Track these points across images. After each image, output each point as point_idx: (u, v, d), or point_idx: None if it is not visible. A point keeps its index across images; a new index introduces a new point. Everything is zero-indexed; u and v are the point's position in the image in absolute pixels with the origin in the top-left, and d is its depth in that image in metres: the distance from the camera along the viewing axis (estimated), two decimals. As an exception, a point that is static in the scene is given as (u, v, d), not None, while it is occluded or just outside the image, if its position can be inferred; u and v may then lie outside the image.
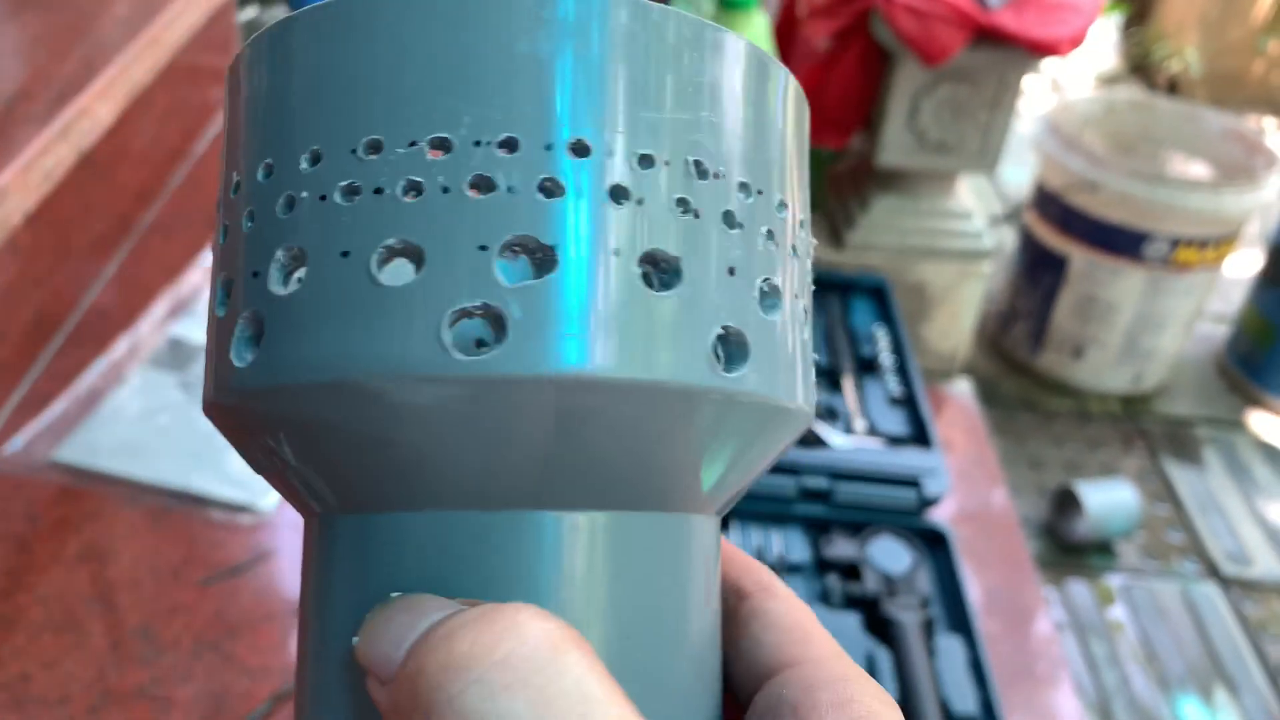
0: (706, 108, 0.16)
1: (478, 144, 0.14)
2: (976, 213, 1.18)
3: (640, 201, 0.15)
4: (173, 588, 0.54)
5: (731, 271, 0.16)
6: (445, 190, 0.14)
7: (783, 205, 0.17)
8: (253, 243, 0.16)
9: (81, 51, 0.71)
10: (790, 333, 0.17)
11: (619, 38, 0.15)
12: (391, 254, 0.15)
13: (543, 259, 0.14)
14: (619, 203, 0.15)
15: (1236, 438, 1.59)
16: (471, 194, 0.14)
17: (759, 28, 0.95)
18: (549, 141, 0.14)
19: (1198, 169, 1.58)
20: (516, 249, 0.14)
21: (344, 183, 0.15)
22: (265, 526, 0.58)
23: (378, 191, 0.14)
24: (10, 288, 0.63)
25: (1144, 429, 1.58)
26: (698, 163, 0.15)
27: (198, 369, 0.66)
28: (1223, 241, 1.46)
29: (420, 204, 0.14)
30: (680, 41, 0.16)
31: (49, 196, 0.62)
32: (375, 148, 0.15)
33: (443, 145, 0.14)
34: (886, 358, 0.79)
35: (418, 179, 0.14)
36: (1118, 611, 1.27)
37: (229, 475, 0.59)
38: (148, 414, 0.62)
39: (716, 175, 0.16)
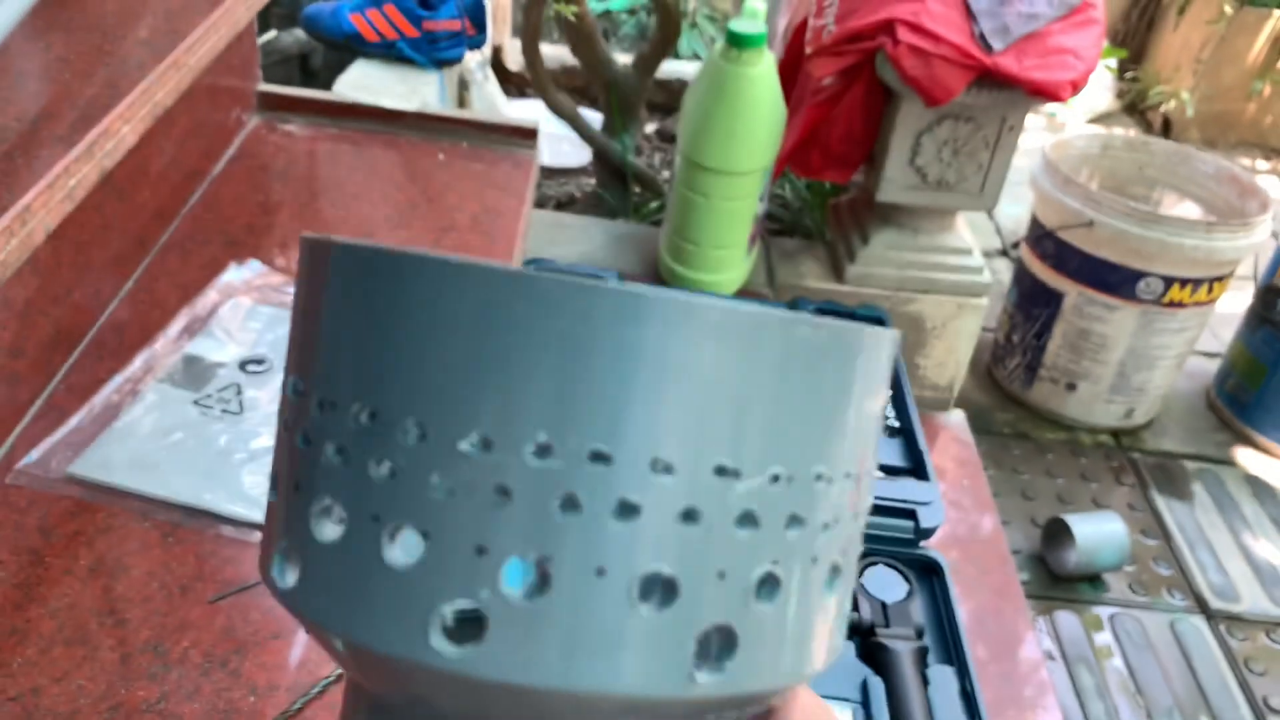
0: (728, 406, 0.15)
1: (563, 453, 0.15)
2: (974, 249, 1.20)
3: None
4: (183, 604, 0.55)
5: (722, 575, 0.15)
6: (564, 501, 0.15)
7: (821, 478, 0.16)
8: (304, 466, 0.16)
9: (105, 73, 0.72)
10: (795, 606, 0.16)
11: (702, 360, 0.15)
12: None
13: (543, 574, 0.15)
14: (688, 522, 0.15)
15: (1225, 473, 1.60)
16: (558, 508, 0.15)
17: (766, 65, 0.97)
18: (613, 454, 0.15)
19: (1190, 209, 1.61)
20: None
21: (442, 477, 0.15)
22: (276, 545, 0.59)
23: (466, 491, 0.15)
24: (30, 304, 0.64)
25: (1134, 463, 1.60)
26: (720, 466, 0.15)
27: (212, 387, 0.67)
28: (1215, 282, 1.49)
29: (506, 508, 0.15)
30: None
31: (70, 215, 0.63)
32: (487, 445, 0.15)
33: (546, 451, 0.15)
34: (885, 391, 0.80)
35: (507, 484, 0.15)
36: (1106, 643, 1.28)
37: (241, 493, 0.60)
38: (162, 431, 0.63)
39: (739, 474, 0.15)
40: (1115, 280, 1.48)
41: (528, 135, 1.02)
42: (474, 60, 1.57)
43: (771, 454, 0.15)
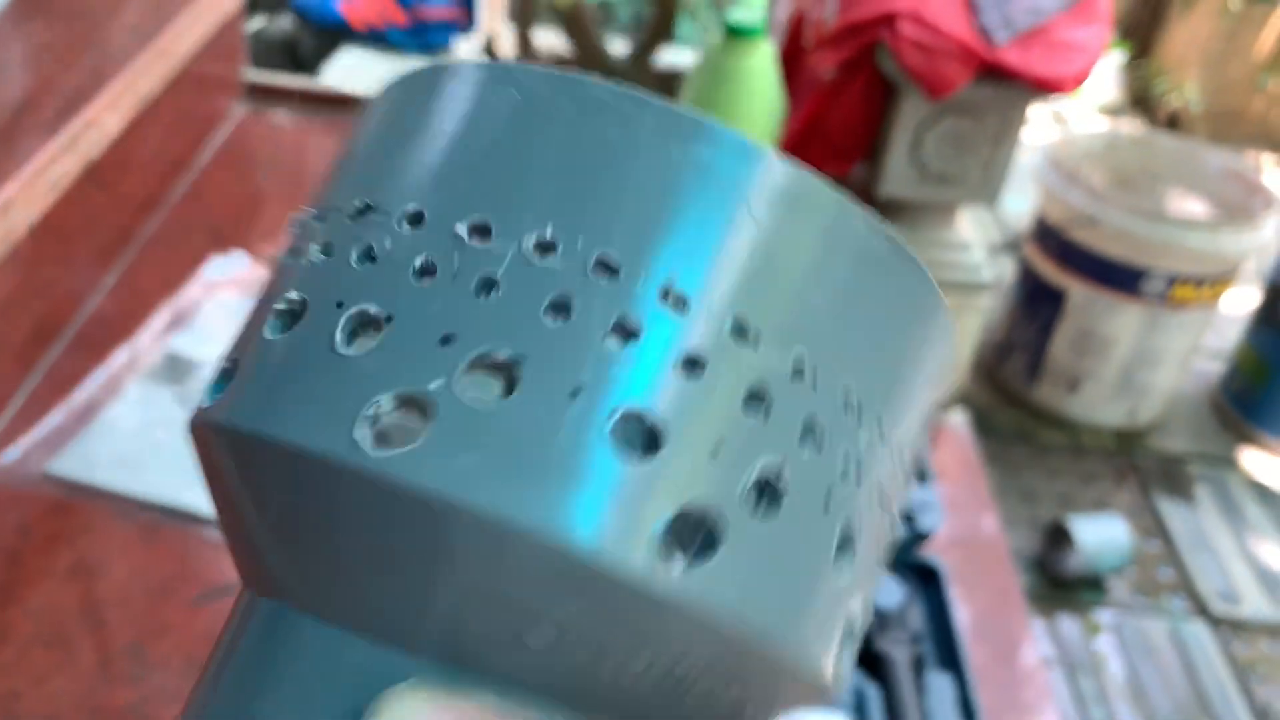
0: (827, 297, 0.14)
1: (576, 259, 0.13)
2: (976, 245, 1.19)
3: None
4: (164, 606, 0.54)
5: (716, 451, 0.13)
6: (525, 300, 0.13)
7: (852, 407, 0.14)
8: (278, 280, 0.15)
9: (90, 61, 0.71)
10: (795, 545, 0.13)
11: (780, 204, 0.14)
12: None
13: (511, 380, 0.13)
14: (689, 372, 0.13)
15: (1229, 475, 1.59)
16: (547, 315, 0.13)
17: (765, 56, 0.95)
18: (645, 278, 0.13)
19: (1196, 206, 1.59)
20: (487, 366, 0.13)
21: (426, 260, 0.13)
22: (258, 546, 0.58)
23: (430, 273, 0.13)
24: (10, 297, 0.63)
25: (1137, 464, 1.59)
26: (740, 325, 0.13)
27: (195, 383, 0.66)
28: (1220, 280, 1.47)
29: (487, 300, 0.13)
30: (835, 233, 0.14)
31: (53, 206, 0.62)
32: (484, 231, 0.13)
33: (548, 249, 0.13)
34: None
35: (496, 276, 0.13)
36: (1106, 647, 1.27)
37: (224, 493, 0.59)
38: (144, 428, 0.62)
39: (758, 341, 0.13)
40: (1120, 278, 1.46)
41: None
42: (465, 48, 1.56)
43: (799, 336, 0.13)
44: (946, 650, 0.63)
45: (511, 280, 0.13)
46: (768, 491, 0.13)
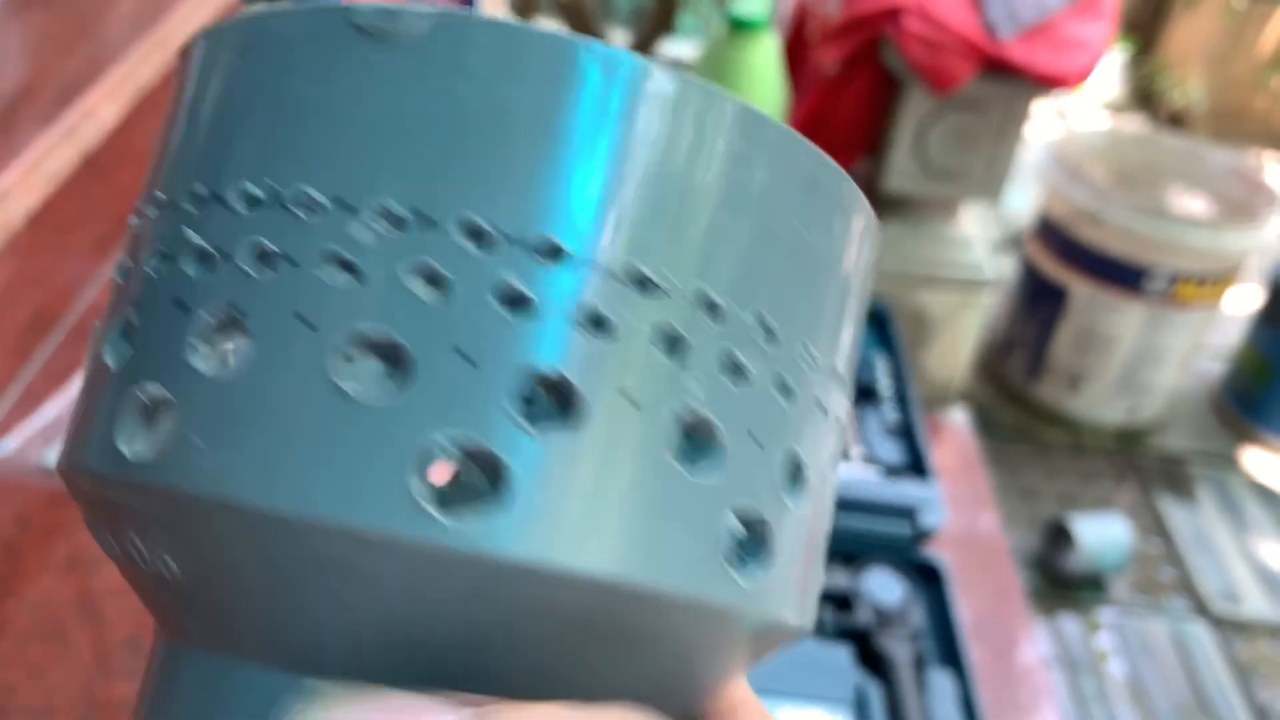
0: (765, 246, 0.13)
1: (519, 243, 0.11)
2: (978, 241, 1.18)
3: (688, 354, 0.12)
4: (160, 599, 0.54)
5: (756, 439, 0.12)
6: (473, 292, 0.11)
7: (814, 360, 0.13)
8: (174, 287, 0.12)
9: (87, 50, 0.70)
10: (816, 525, 0.13)
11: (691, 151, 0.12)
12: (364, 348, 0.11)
13: (565, 407, 0.11)
14: (666, 348, 0.12)
15: (1230, 475, 1.59)
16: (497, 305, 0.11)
17: (769, 49, 0.95)
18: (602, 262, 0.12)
19: (1199, 204, 1.59)
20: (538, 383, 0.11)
21: (342, 245, 0.11)
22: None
23: (349, 268, 0.11)
24: (7, 288, 0.62)
25: (1138, 463, 1.58)
26: (761, 318, 0.12)
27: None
28: (1222, 278, 1.47)
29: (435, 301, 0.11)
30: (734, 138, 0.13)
31: (50, 197, 0.62)
32: (394, 218, 0.11)
33: (476, 236, 0.11)
34: (885, 385, 0.78)
35: (442, 270, 0.11)
36: (1107, 646, 1.27)
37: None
38: (141, 420, 0.62)
39: (771, 332, 0.13)
40: (1122, 275, 1.46)
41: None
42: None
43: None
44: (948, 648, 0.62)
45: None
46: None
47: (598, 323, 0.11)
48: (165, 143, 0.14)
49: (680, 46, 1.50)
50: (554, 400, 0.11)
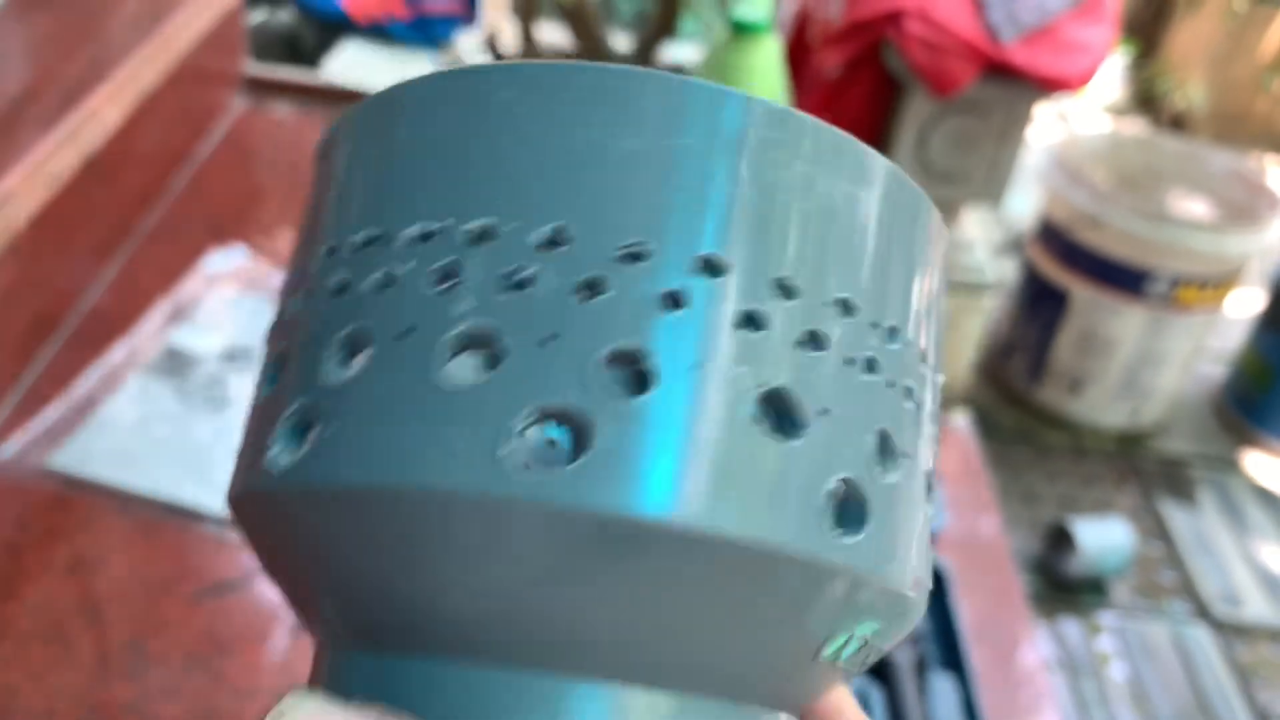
0: (849, 236, 0.15)
1: (598, 246, 0.13)
2: (980, 244, 1.19)
3: (769, 332, 0.13)
4: (162, 602, 0.54)
5: (847, 419, 0.14)
6: (555, 289, 0.13)
7: (924, 357, 0.16)
8: (321, 317, 0.14)
9: (90, 53, 0.70)
10: (915, 503, 0.15)
11: (761, 152, 0.14)
12: (465, 345, 0.13)
13: (643, 376, 0.13)
14: (749, 329, 0.13)
15: (1231, 478, 1.59)
16: (579, 297, 0.13)
17: (771, 53, 0.95)
18: (681, 255, 0.13)
19: (1200, 207, 1.59)
20: (615, 360, 0.13)
21: (439, 264, 0.13)
22: (258, 542, 0.57)
23: (448, 279, 0.13)
24: (9, 290, 0.62)
25: (1139, 466, 1.58)
26: (843, 300, 0.14)
27: (195, 378, 0.65)
28: (1224, 281, 1.47)
29: (520, 298, 0.13)
30: (819, 158, 0.15)
31: (52, 199, 0.62)
32: (488, 235, 0.13)
33: (559, 241, 0.13)
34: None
35: (525, 273, 0.13)
36: (1108, 650, 1.27)
37: (222, 489, 0.58)
38: (143, 423, 0.62)
39: (854, 311, 0.14)
40: (1123, 279, 1.46)
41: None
42: (467, 42, 1.55)
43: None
44: (949, 651, 0.62)
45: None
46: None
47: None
48: (339, 200, 0.15)
49: (682, 50, 1.50)
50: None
